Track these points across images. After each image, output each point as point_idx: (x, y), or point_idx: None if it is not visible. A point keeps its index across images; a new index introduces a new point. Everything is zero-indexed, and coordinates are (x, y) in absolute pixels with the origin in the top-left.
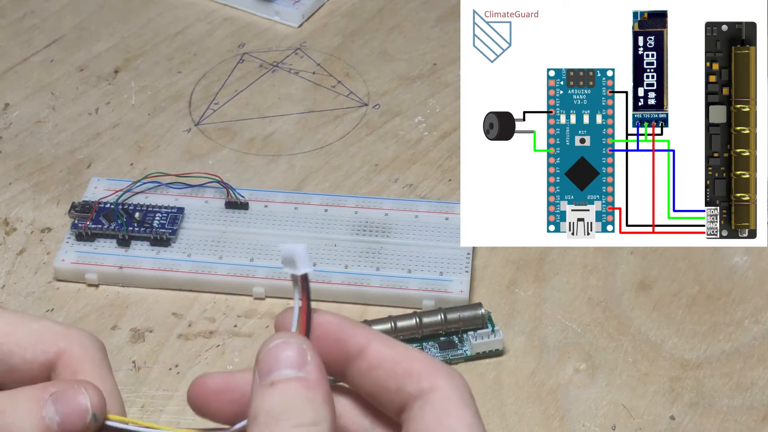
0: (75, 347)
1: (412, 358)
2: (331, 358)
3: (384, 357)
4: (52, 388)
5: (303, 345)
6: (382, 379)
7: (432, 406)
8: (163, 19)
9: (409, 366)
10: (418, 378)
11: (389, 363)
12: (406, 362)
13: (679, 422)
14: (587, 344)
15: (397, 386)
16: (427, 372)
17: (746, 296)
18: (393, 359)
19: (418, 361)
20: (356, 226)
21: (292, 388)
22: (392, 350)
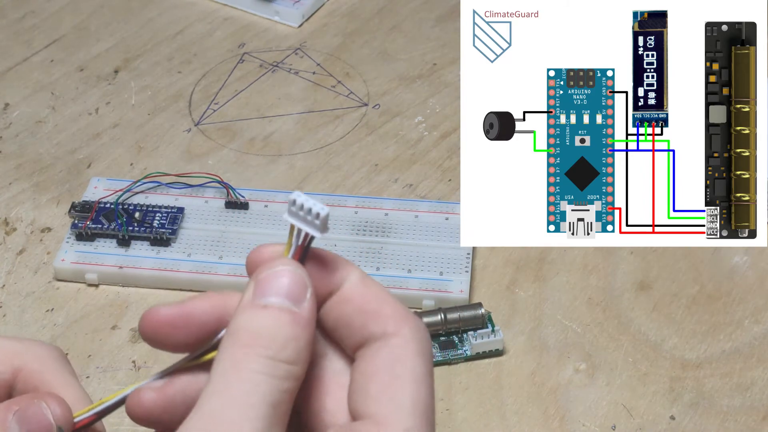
0: (31, 362)
1: (384, 301)
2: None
3: (357, 293)
4: (15, 406)
5: (306, 280)
6: (349, 313)
7: (389, 350)
8: (163, 19)
9: (378, 307)
10: (385, 321)
11: (360, 300)
12: (377, 303)
13: (679, 422)
14: (587, 344)
15: (362, 323)
16: (395, 317)
17: (746, 296)
18: (365, 297)
19: (389, 305)
20: (356, 226)
21: (284, 319)
22: (367, 289)
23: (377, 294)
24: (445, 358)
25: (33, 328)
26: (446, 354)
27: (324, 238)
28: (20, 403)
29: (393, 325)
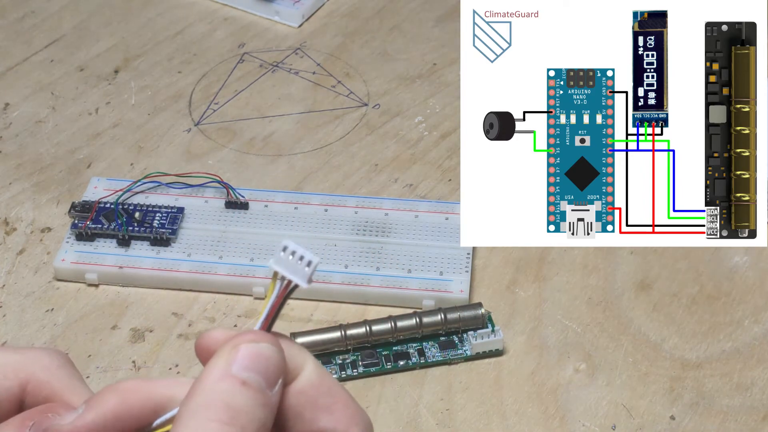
0: (38, 373)
1: (337, 396)
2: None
3: (312, 385)
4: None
5: (283, 366)
6: (302, 404)
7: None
8: (163, 19)
9: (331, 402)
10: (336, 418)
11: (314, 393)
12: (330, 398)
13: (679, 422)
14: (587, 344)
15: (313, 417)
16: (345, 415)
17: (746, 296)
18: (319, 390)
19: (341, 401)
20: (356, 226)
21: (260, 400)
22: (321, 381)
23: (331, 388)
24: (445, 358)
25: (33, 328)
26: (446, 354)
27: (324, 238)
28: (34, 416)
29: (343, 424)
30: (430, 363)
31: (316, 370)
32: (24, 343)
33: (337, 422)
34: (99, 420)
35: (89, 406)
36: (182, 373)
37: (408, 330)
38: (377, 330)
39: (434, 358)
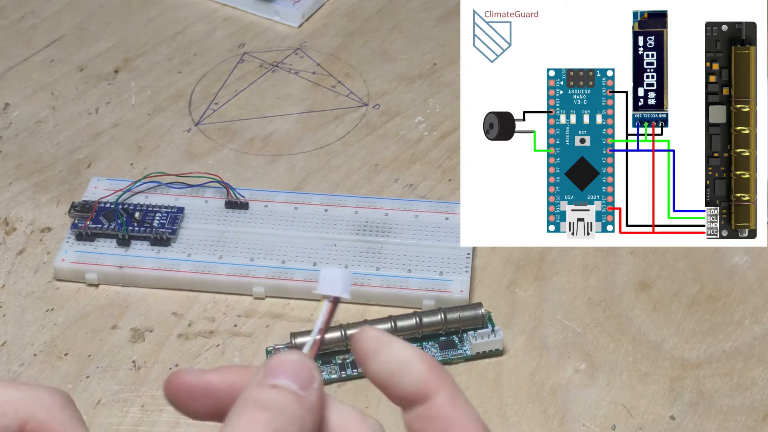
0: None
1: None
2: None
3: (444, 413)
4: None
5: (314, 372)
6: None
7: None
8: (163, 19)
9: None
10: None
11: (445, 422)
12: (462, 428)
13: (679, 422)
14: (587, 344)
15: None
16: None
17: (746, 296)
18: (452, 419)
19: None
20: (356, 226)
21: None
22: (455, 410)
23: (466, 417)
24: (445, 358)
25: (33, 328)
26: (446, 354)
27: (324, 238)
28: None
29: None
30: None
31: (451, 396)
32: (24, 342)
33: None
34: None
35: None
36: None
37: (408, 330)
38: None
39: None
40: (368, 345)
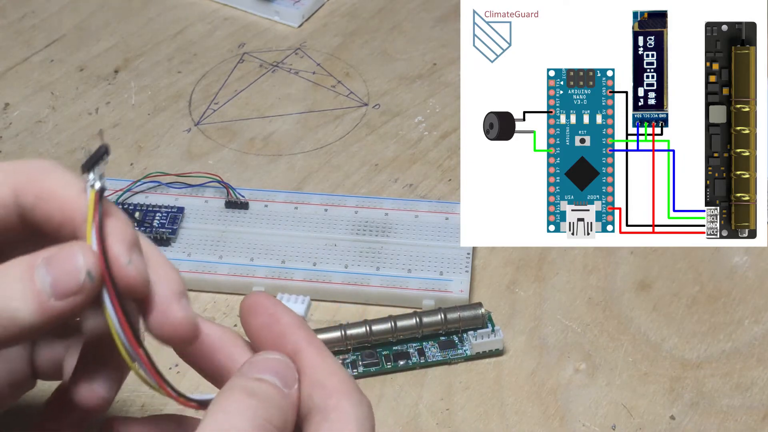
0: (30, 172)
1: (331, 373)
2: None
3: (309, 363)
4: (46, 252)
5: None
6: (302, 383)
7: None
8: (163, 19)
9: (324, 378)
10: (328, 393)
11: (313, 370)
12: (324, 375)
13: (679, 422)
14: (587, 344)
15: (308, 394)
16: (338, 391)
17: (746, 296)
18: (318, 368)
19: (334, 377)
20: (356, 226)
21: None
22: (319, 360)
23: (328, 365)
24: (445, 358)
25: None
26: (446, 354)
27: (324, 238)
28: (50, 251)
29: (334, 398)
30: (430, 363)
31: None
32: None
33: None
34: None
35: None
36: (182, 374)
37: (408, 330)
38: (377, 330)
39: (434, 358)
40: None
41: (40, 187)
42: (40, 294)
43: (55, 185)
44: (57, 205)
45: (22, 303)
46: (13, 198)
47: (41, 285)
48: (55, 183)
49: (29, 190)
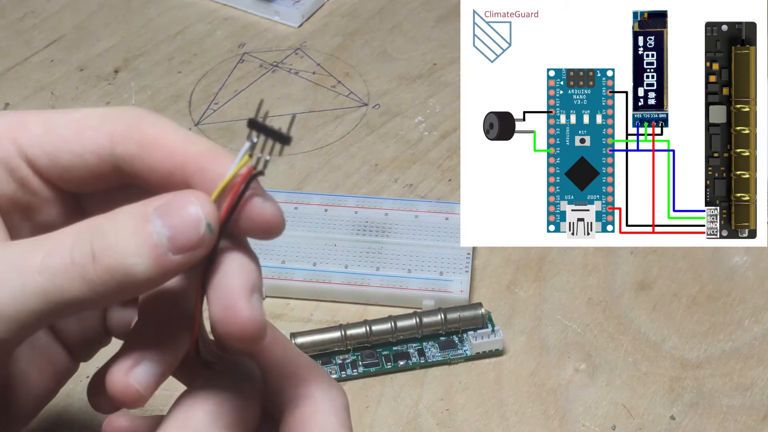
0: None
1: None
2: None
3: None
4: (157, 201)
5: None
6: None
7: (300, 411)
8: (163, 19)
9: (294, 369)
10: (296, 383)
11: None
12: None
13: (679, 422)
14: (587, 344)
15: (278, 387)
16: (305, 379)
17: (746, 296)
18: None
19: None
20: (356, 226)
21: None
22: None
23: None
24: (445, 358)
25: None
26: (446, 354)
27: (324, 238)
28: (162, 199)
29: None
30: (430, 363)
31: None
32: None
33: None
34: None
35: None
36: None
37: (408, 330)
38: (377, 330)
39: (434, 358)
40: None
41: (142, 134)
42: (158, 248)
43: (159, 132)
44: (163, 154)
45: (139, 259)
46: (109, 146)
47: (158, 238)
48: (159, 130)
49: (130, 138)
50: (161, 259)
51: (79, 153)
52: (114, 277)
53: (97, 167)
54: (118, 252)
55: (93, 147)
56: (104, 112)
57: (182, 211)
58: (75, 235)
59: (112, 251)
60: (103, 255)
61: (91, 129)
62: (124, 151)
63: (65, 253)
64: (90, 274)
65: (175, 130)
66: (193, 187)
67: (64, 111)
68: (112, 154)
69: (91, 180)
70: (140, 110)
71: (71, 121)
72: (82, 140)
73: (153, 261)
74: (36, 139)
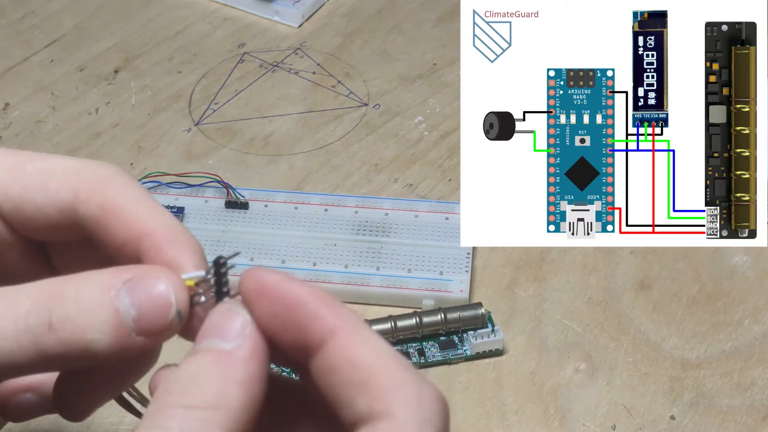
0: (90, 179)
1: (375, 366)
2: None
3: (345, 357)
4: (126, 273)
5: (244, 317)
6: (338, 384)
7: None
8: (163, 19)
9: (367, 375)
10: (373, 395)
11: (349, 366)
12: (366, 370)
13: (679, 422)
14: (587, 344)
15: (350, 399)
16: (385, 390)
17: (746, 296)
18: (353, 362)
19: (381, 371)
20: (356, 226)
21: (208, 360)
22: (357, 350)
23: (369, 356)
24: (445, 358)
25: None
26: (446, 354)
27: (324, 238)
28: (132, 271)
29: (381, 401)
30: (430, 363)
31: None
32: None
33: (374, 402)
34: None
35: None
36: None
37: (408, 330)
38: (377, 330)
39: (434, 358)
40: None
41: (105, 197)
42: (122, 327)
43: (122, 198)
44: (122, 223)
45: (100, 335)
46: (72, 203)
47: (124, 317)
48: (124, 196)
49: (93, 199)
50: (124, 339)
51: (41, 206)
52: (70, 349)
53: (59, 221)
54: (79, 325)
55: (56, 201)
56: (72, 166)
57: (153, 291)
58: (34, 299)
59: (72, 323)
60: (61, 326)
61: (57, 182)
62: (85, 211)
63: (19, 318)
64: (44, 344)
65: (139, 200)
66: (143, 263)
67: (34, 156)
68: (73, 211)
69: (53, 232)
70: (108, 169)
71: (38, 171)
72: (46, 193)
73: (115, 339)
74: (2, 184)
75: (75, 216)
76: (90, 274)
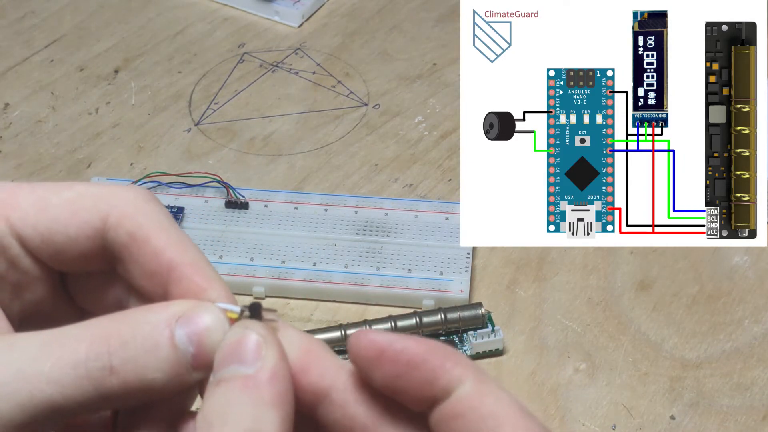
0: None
1: (504, 417)
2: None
3: (468, 406)
4: (175, 308)
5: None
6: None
7: None
8: (163, 19)
9: (495, 425)
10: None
11: (473, 416)
12: (495, 419)
13: (679, 422)
14: (587, 344)
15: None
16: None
17: (746, 296)
18: (479, 412)
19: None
20: (356, 226)
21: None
22: (482, 400)
23: (496, 406)
24: None
25: None
26: None
27: (324, 238)
28: (180, 306)
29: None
30: None
31: (476, 388)
32: None
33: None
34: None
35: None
36: None
37: (408, 330)
38: (377, 330)
39: None
40: (367, 352)
41: (136, 225)
42: (180, 365)
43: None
44: (151, 251)
45: (161, 373)
46: (102, 230)
47: (183, 354)
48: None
49: (123, 226)
50: (183, 374)
51: (73, 236)
52: (130, 389)
53: (89, 250)
54: (140, 365)
55: (87, 230)
56: (99, 193)
57: (206, 326)
58: (89, 343)
59: (134, 364)
60: (122, 368)
61: (86, 211)
62: (115, 237)
63: (79, 364)
64: (105, 387)
65: (167, 229)
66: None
67: (57, 187)
68: (103, 238)
69: (81, 261)
70: (137, 194)
71: (65, 202)
72: (78, 222)
73: (174, 376)
74: (29, 219)
75: (104, 243)
76: (140, 312)
